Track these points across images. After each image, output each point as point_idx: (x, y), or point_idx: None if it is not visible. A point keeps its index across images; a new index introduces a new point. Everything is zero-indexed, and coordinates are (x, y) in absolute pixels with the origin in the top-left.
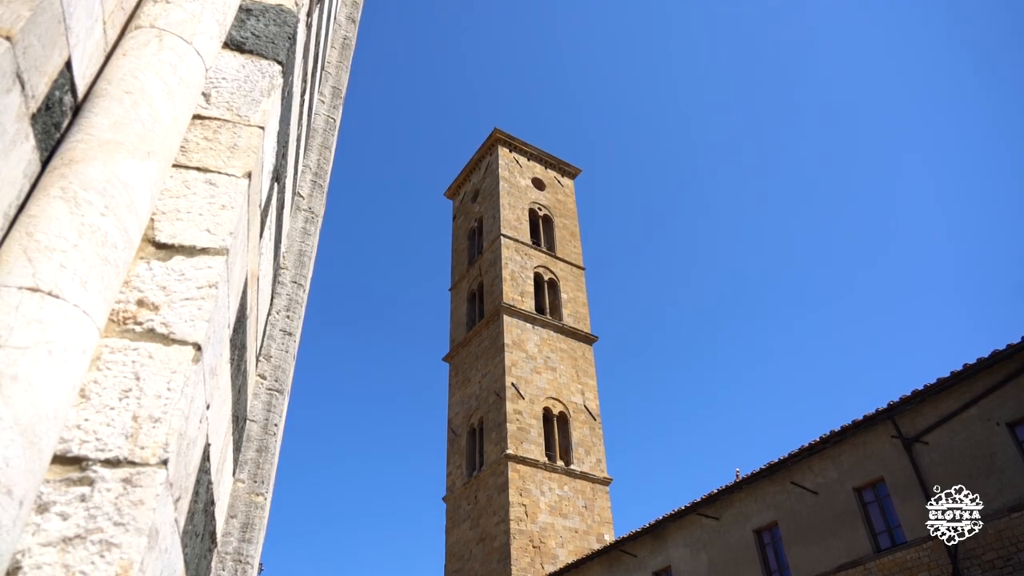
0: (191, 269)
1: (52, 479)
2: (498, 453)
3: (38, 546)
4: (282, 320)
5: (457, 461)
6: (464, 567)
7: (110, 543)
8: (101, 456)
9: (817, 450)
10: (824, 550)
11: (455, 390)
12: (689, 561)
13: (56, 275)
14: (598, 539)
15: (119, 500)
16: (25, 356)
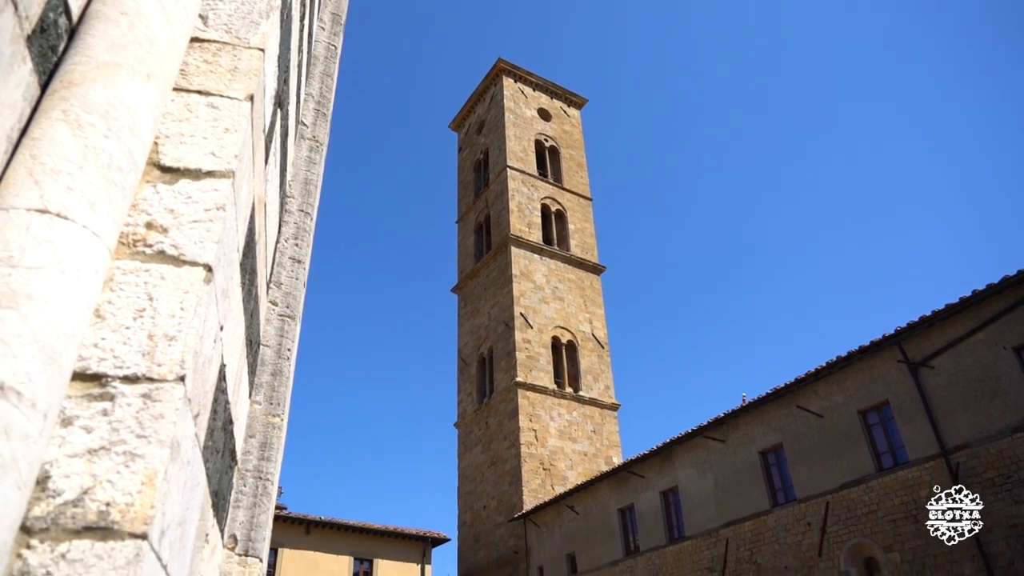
0: (198, 192)
1: (74, 395)
2: (508, 381)
3: (65, 457)
4: (291, 248)
5: (468, 389)
6: (476, 489)
7: (134, 454)
8: (120, 373)
9: (823, 375)
10: (827, 470)
11: (464, 320)
12: (695, 481)
13: (63, 197)
14: (606, 462)
15: (140, 414)
16: (39, 276)
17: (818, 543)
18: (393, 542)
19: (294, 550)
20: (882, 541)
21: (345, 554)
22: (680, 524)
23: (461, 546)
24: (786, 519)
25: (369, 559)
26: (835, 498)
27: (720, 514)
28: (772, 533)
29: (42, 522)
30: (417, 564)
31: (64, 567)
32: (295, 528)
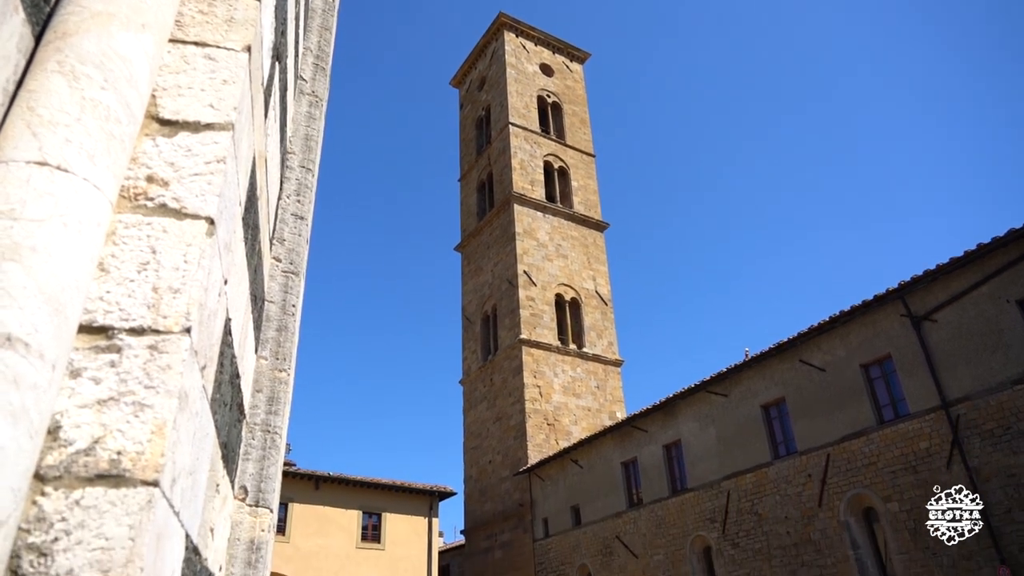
0: (197, 145)
1: (81, 347)
2: (512, 338)
3: (75, 408)
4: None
5: (472, 347)
6: (482, 444)
7: (143, 404)
8: (126, 325)
9: (826, 329)
10: (829, 423)
11: (468, 279)
12: (698, 435)
13: (62, 149)
14: (610, 416)
15: (147, 366)
16: (41, 228)
17: (818, 494)
18: (401, 496)
19: (304, 504)
20: (881, 492)
21: (354, 508)
22: (682, 476)
23: (468, 500)
24: (787, 471)
25: (378, 513)
26: (836, 450)
27: (722, 467)
28: (773, 485)
29: (55, 470)
30: (424, 517)
31: (79, 513)
32: (304, 483)
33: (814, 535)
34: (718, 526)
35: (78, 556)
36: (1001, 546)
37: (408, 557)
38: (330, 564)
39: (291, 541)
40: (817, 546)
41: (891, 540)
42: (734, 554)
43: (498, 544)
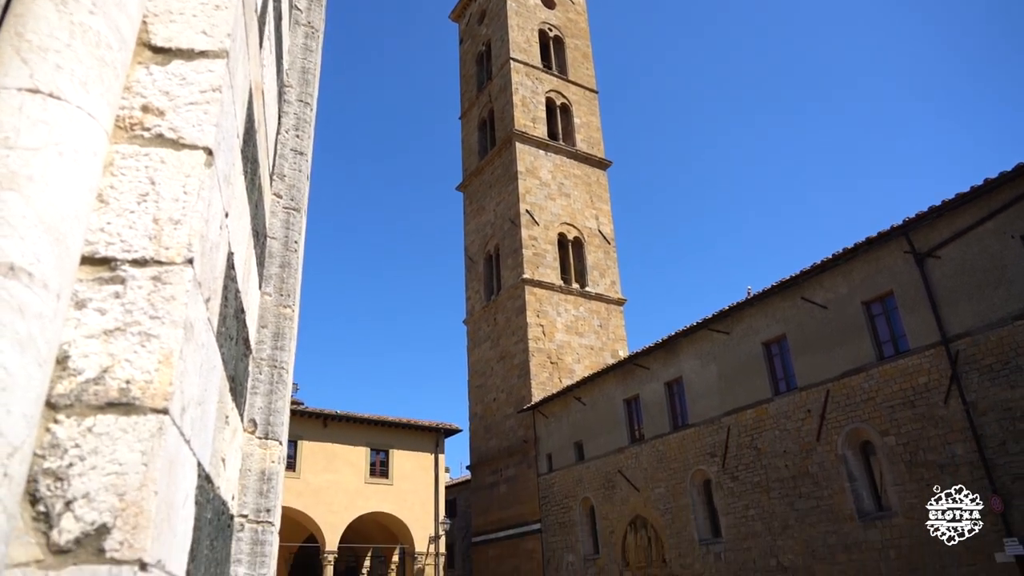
0: (192, 73)
1: (85, 278)
2: (515, 278)
3: (82, 338)
4: (292, 139)
5: (475, 287)
6: (487, 383)
7: (149, 334)
8: (128, 257)
9: (829, 267)
10: (829, 359)
11: (470, 218)
12: (699, 372)
13: (54, 76)
14: (613, 355)
15: (151, 296)
16: (37, 157)
17: (817, 429)
18: (407, 433)
19: (313, 442)
20: (879, 426)
21: (362, 445)
22: (684, 413)
23: (472, 436)
24: (787, 406)
25: (385, 449)
26: (835, 386)
27: (723, 403)
28: (773, 420)
29: (66, 399)
30: (431, 454)
31: (91, 440)
32: (313, 422)
33: (812, 468)
34: (718, 460)
35: (93, 481)
36: (994, 477)
37: (415, 491)
38: (340, 499)
39: (301, 477)
40: (815, 478)
41: (887, 472)
42: (733, 487)
43: (503, 479)
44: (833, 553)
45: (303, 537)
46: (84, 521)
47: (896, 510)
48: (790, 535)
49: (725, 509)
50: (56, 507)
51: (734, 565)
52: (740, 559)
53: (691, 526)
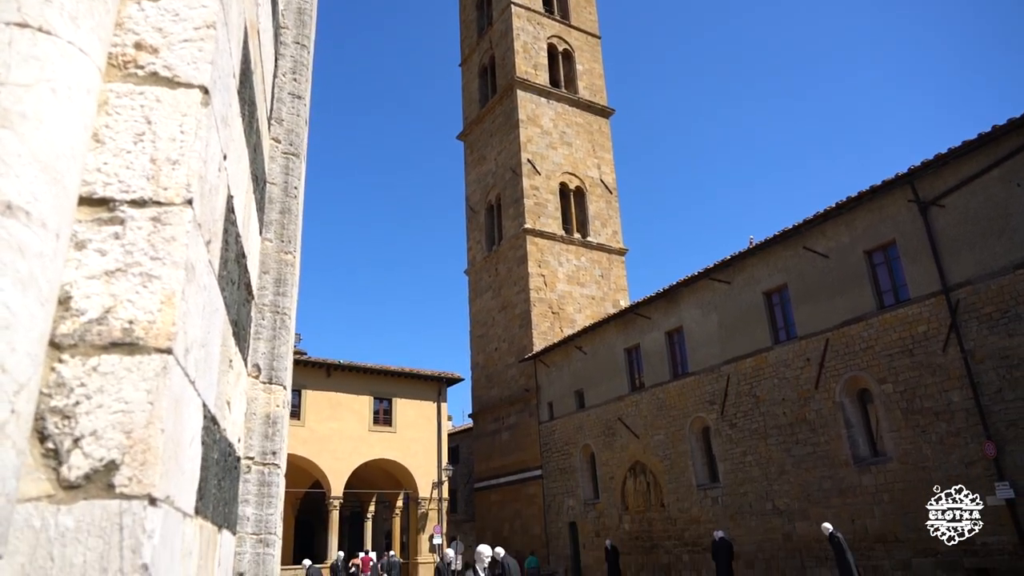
0: (185, 9)
1: (84, 219)
2: (516, 228)
3: (83, 279)
4: (289, 83)
5: (477, 237)
6: (488, 332)
7: (150, 275)
8: (126, 197)
9: (832, 215)
10: (830, 308)
11: (471, 168)
12: (700, 321)
13: (43, 9)
14: (614, 305)
15: (151, 237)
16: (30, 94)
17: (815, 377)
18: (410, 382)
19: (317, 391)
20: (877, 374)
21: (365, 394)
22: (684, 361)
23: (475, 385)
24: (786, 355)
25: (388, 398)
26: (835, 335)
27: (723, 352)
28: (772, 368)
29: (70, 339)
30: (433, 402)
31: (97, 379)
32: (316, 371)
33: (809, 415)
34: (717, 408)
35: (100, 419)
36: (989, 424)
37: (419, 439)
38: (344, 446)
39: (306, 425)
40: (812, 425)
41: (883, 419)
42: (731, 434)
43: (505, 427)
44: (828, 497)
45: (309, 483)
46: (93, 458)
47: (891, 455)
48: (786, 480)
49: (723, 455)
50: (64, 444)
51: (731, 509)
52: (736, 503)
53: (689, 472)
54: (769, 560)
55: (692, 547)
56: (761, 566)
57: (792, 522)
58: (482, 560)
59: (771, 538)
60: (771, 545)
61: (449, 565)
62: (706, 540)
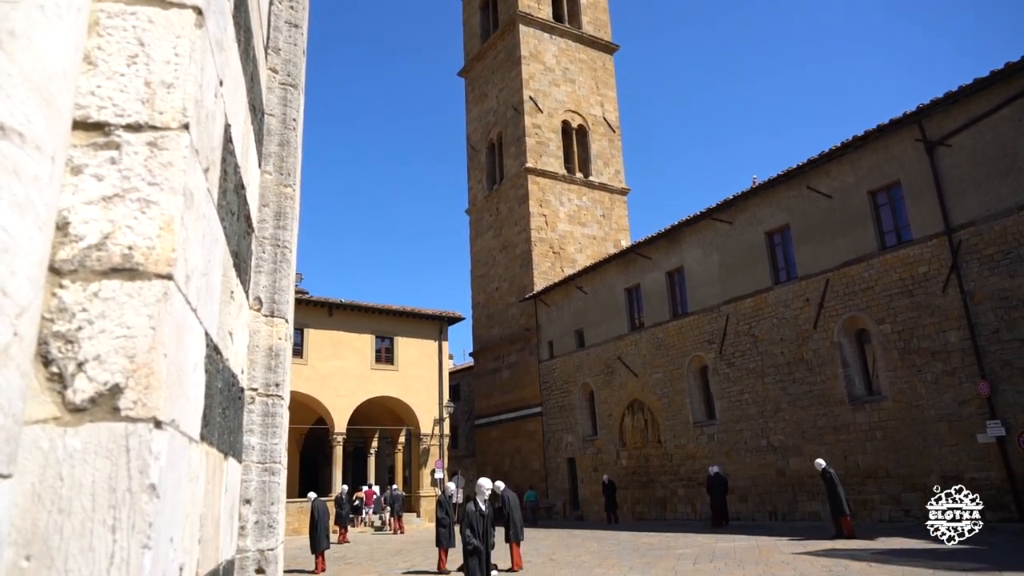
0: None
1: (79, 144)
2: (517, 167)
3: (81, 204)
4: (286, 11)
5: (478, 176)
6: (489, 272)
7: (148, 201)
8: (121, 121)
9: (837, 155)
10: (831, 249)
11: (472, 106)
12: (701, 261)
13: None
14: (615, 245)
15: (148, 162)
16: (17, 10)
17: (814, 317)
18: (412, 321)
19: (319, 330)
20: (876, 314)
21: (367, 333)
22: (684, 301)
23: (475, 324)
24: (786, 295)
25: (390, 337)
26: (835, 275)
27: (723, 292)
28: (771, 308)
29: (70, 264)
30: (434, 341)
31: (98, 304)
32: (318, 311)
33: (807, 355)
34: (716, 347)
35: (103, 344)
36: (984, 363)
37: (420, 377)
38: (347, 384)
39: (309, 363)
40: (809, 365)
41: (880, 359)
42: (729, 372)
43: (505, 365)
44: (822, 434)
45: (313, 420)
46: (97, 382)
47: (886, 394)
48: (781, 417)
49: (720, 393)
50: (69, 368)
51: (726, 445)
52: (732, 440)
53: (687, 409)
54: (762, 494)
55: (687, 482)
56: (754, 500)
57: (786, 458)
58: (483, 492)
59: (765, 473)
60: (764, 480)
61: (451, 498)
62: (701, 475)
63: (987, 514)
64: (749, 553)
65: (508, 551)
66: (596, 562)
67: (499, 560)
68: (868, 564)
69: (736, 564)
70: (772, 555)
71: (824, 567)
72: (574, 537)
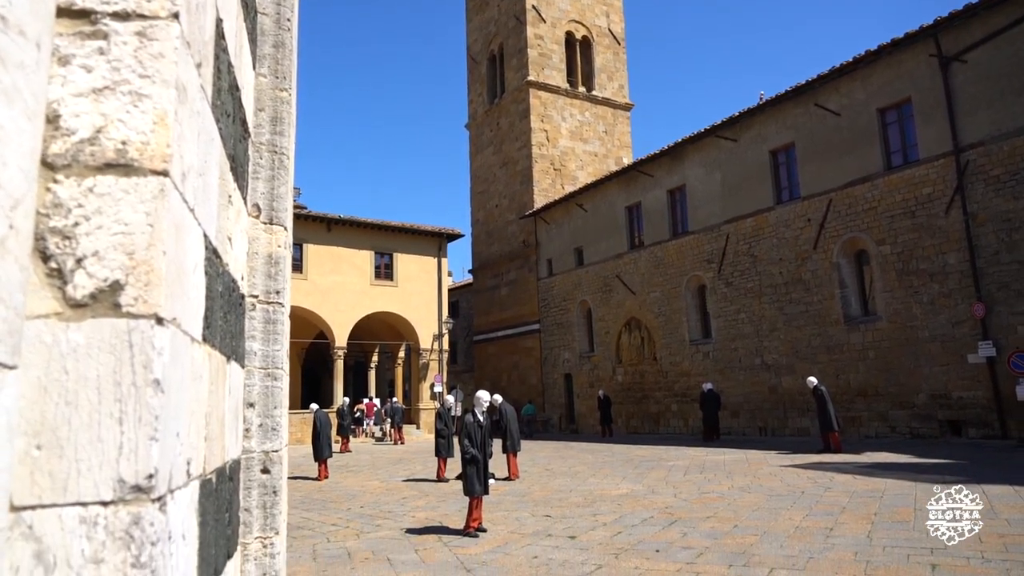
0: None
1: (65, 32)
2: (519, 80)
3: (70, 96)
4: None
5: (478, 89)
6: (489, 189)
7: (140, 94)
8: (108, 9)
9: (848, 71)
10: (836, 168)
11: (472, 15)
12: (703, 180)
13: None
14: (617, 162)
15: (138, 53)
16: None
17: (815, 237)
18: (411, 238)
19: (318, 246)
20: (876, 235)
21: (366, 249)
22: (684, 220)
23: (475, 241)
24: (787, 215)
25: (389, 253)
26: (838, 195)
27: (724, 211)
28: (772, 228)
29: (62, 159)
30: (434, 257)
31: (94, 200)
32: (317, 226)
33: (805, 276)
34: (714, 266)
35: (101, 240)
36: (981, 285)
37: (420, 293)
38: (347, 299)
39: (308, 278)
40: (807, 285)
41: (878, 280)
42: (727, 292)
43: (504, 282)
44: (815, 353)
45: (314, 334)
46: (97, 278)
47: (881, 315)
48: (777, 337)
49: (717, 312)
50: (67, 264)
51: (720, 363)
52: (727, 358)
53: (683, 328)
54: (754, 411)
55: (681, 398)
56: (746, 416)
57: (779, 376)
58: (481, 404)
59: (757, 391)
60: (757, 397)
61: (449, 410)
62: (695, 392)
63: (971, 431)
64: (738, 465)
65: (505, 461)
66: (590, 472)
67: (496, 470)
68: (853, 476)
69: (725, 475)
70: (760, 467)
71: (810, 479)
72: (570, 449)
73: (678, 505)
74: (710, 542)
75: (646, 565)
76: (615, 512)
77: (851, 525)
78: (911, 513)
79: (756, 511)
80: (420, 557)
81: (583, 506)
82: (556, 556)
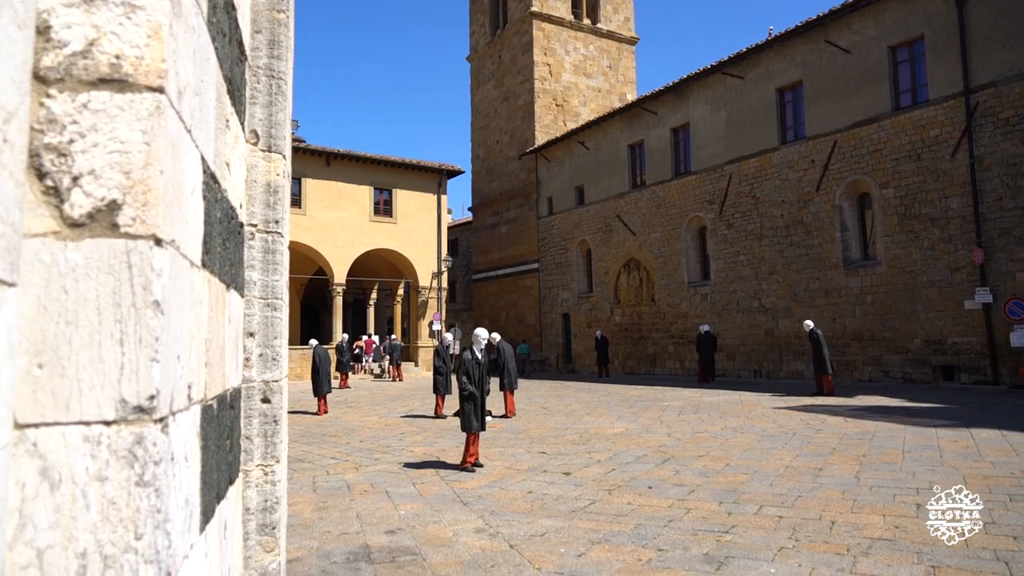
0: None
1: None
2: (522, 10)
3: (61, 6)
4: None
5: (480, 20)
6: (490, 124)
7: (133, 5)
8: None
9: (861, 5)
10: (843, 109)
11: None
12: (707, 118)
13: None
14: (620, 98)
15: None
16: None
17: (818, 179)
18: (411, 174)
19: (317, 180)
20: (880, 178)
21: (365, 184)
22: (687, 160)
23: (475, 178)
24: (791, 156)
25: (388, 189)
26: (844, 136)
27: (727, 151)
28: (775, 170)
29: (55, 72)
30: (433, 194)
31: (89, 116)
32: (315, 160)
33: (806, 218)
34: (716, 208)
35: (97, 158)
36: (982, 231)
37: (419, 230)
38: (346, 235)
39: (307, 214)
40: (807, 228)
41: (879, 224)
42: (727, 233)
43: (504, 221)
44: (813, 297)
45: (313, 270)
46: (94, 197)
47: (880, 260)
48: (775, 280)
49: (717, 254)
50: (64, 182)
51: (718, 305)
52: (724, 300)
53: (682, 269)
54: (750, 353)
55: (678, 339)
56: (742, 358)
57: (776, 319)
58: (479, 341)
59: (754, 333)
60: (753, 339)
61: (448, 348)
62: (692, 333)
63: (963, 376)
64: (732, 406)
65: (502, 399)
66: (586, 411)
67: (493, 407)
68: (844, 419)
69: (719, 416)
70: (754, 409)
71: (802, 420)
72: (566, 388)
73: (671, 444)
74: (702, 480)
75: (639, 501)
76: (609, 450)
77: (840, 466)
78: (899, 455)
79: (748, 451)
80: (418, 490)
81: (578, 444)
82: (551, 491)
